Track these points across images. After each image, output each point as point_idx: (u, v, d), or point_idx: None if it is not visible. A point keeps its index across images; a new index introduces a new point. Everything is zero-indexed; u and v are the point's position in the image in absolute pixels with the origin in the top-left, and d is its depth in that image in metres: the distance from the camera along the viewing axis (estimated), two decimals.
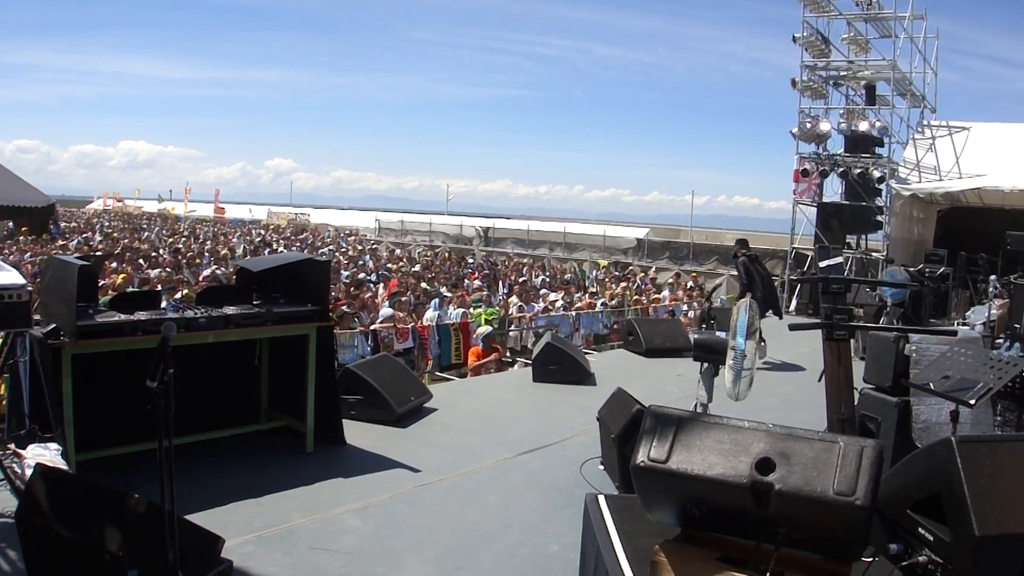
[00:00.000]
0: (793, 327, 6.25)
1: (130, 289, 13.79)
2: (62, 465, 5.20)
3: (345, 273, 19.28)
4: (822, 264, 6.35)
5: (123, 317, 6.20)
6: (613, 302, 19.47)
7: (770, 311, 13.41)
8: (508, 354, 14.94)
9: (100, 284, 11.28)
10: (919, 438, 6.20)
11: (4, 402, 6.72)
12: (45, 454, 5.35)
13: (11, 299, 5.40)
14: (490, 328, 13.99)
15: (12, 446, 5.76)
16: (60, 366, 5.84)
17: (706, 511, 3.74)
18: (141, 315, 6.27)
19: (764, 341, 10.44)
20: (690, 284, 24.36)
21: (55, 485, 4.27)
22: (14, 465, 5.48)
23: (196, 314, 6.60)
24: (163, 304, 6.86)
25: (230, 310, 6.80)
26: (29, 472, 4.94)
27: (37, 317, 6.20)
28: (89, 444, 6.18)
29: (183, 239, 31.87)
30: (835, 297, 5.90)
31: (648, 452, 3.76)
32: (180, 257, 21.98)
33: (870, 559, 3.96)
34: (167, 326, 3.72)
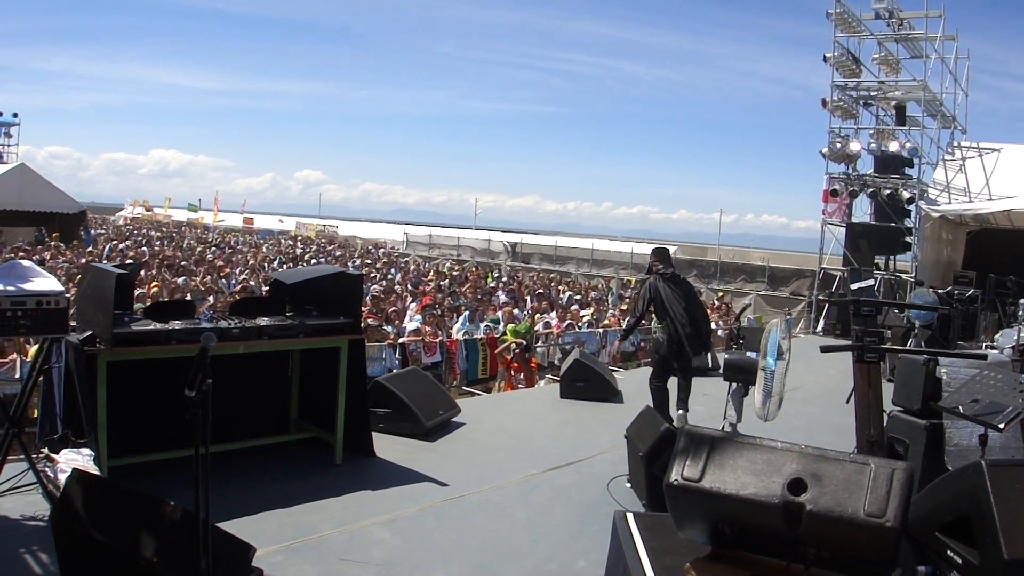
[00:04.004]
0: (824, 349, 6.24)
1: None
2: (94, 470, 5.25)
3: (376, 287, 19.31)
4: (853, 286, 6.36)
5: (158, 326, 6.27)
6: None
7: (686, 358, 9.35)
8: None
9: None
10: (952, 461, 6.19)
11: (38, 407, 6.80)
12: (78, 459, 5.39)
13: (49, 305, 5.48)
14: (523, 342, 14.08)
15: (45, 450, 5.83)
16: (95, 372, 5.92)
17: (737, 530, 3.77)
18: (176, 324, 6.35)
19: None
20: (715, 302, 24.28)
21: (91, 490, 4.30)
22: (47, 470, 5.53)
23: (230, 324, 6.67)
24: (198, 313, 6.94)
25: (263, 321, 6.85)
26: (62, 477, 5.00)
27: (73, 323, 6.27)
28: (120, 450, 6.26)
29: (213, 249, 32.00)
30: (866, 319, 5.90)
31: (682, 471, 3.79)
32: (211, 268, 22.08)
33: None
34: (207, 336, 3.76)
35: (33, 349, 8.75)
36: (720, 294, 27.40)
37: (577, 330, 17.11)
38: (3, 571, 4.90)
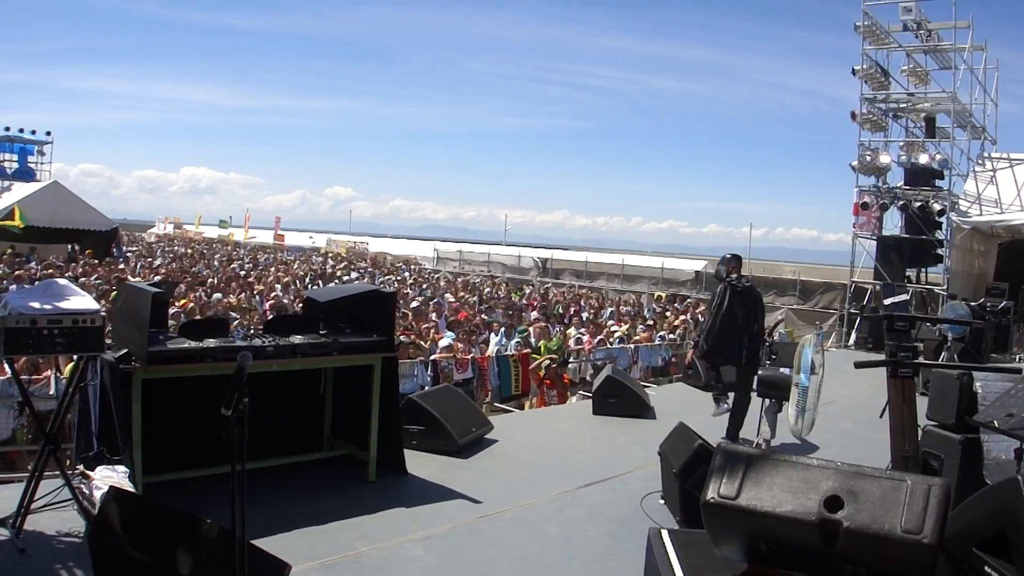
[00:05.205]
0: (859, 365, 6.20)
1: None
2: (129, 487, 5.29)
3: (415, 304, 19.33)
4: (887, 301, 6.32)
5: (193, 344, 6.33)
6: (672, 335, 19.37)
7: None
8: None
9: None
10: (991, 476, 6.14)
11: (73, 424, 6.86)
12: (113, 476, 5.43)
13: (85, 323, 5.56)
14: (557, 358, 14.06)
15: (81, 467, 5.89)
16: (130, 390, 5.98)
17: (774, 547, 3.76)
18: (211, 342, 6.40)
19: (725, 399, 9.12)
20: None
21: (128, 507, 4.34)
22: (82, 486, 5.58)
23: (264, 343, 6.71)
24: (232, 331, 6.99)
25: (297, 339, 6.89)
26: (97, 493, 5.06)
27: (108, 341, 6.33)
28: (155, 467, 6.31)
29: (246, 265, 32.19)
30: (900, 335, 5.87)
31: (718, 488, 3.79)
32: (245, 285, 22.19)
33: None
34: (243, 356, 3.78)
35: (69, 367, 8.83)
36: None
37: (609, 346, 17.08)
38: None
